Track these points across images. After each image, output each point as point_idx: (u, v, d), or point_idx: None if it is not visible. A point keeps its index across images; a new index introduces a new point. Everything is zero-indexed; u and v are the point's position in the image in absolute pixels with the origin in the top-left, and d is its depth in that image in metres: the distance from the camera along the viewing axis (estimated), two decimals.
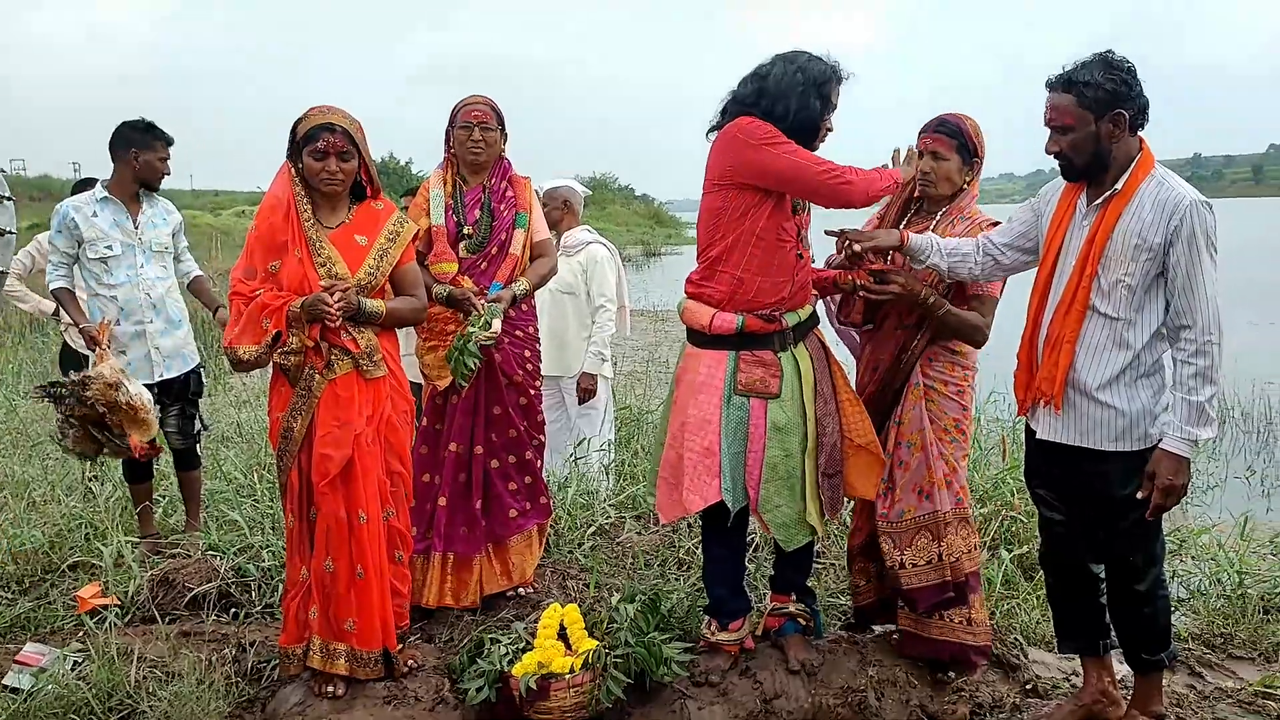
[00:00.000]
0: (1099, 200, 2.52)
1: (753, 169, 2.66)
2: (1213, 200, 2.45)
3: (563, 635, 2.92)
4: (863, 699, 2.85)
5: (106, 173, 3.98)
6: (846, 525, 3.25)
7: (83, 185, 4.55)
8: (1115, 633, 2.75)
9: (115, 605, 3.29)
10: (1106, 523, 2.60)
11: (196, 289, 4.24)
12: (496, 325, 3.10)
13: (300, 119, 2.78)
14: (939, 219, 2.91)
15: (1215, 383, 2.42)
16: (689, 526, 4.00)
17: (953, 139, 2.84)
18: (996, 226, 2.83)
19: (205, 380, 4.35)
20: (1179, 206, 2.40)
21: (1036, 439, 2.70)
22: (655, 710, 2.80)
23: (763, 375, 2.75)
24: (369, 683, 2.81)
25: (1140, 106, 2.46)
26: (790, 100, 2.66)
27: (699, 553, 3.39)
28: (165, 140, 3.93)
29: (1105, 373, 2.52)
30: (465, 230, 3.29)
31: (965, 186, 2.91)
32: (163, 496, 4.42)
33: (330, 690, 2.78)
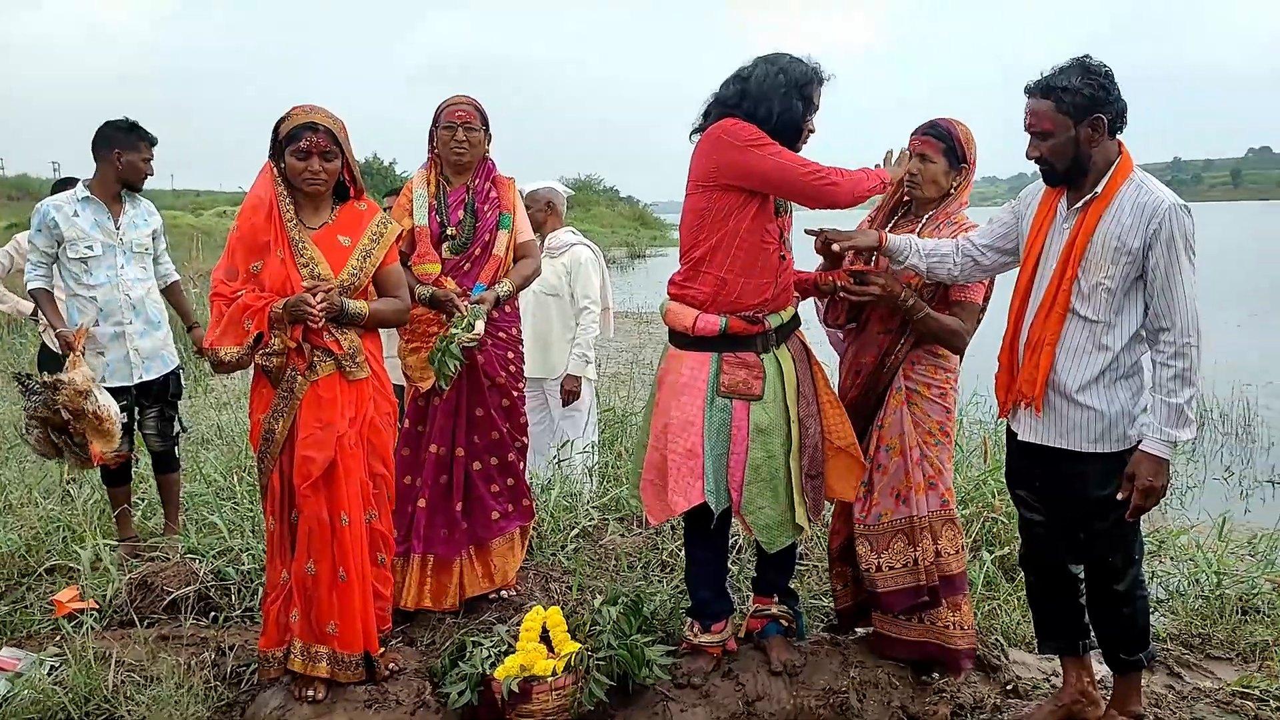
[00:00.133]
0: (1079, 204, 2.54)
1: (738, 170, 2.66)
2: (1192, 204, 2.47)
3: (545, 638, 2.91)
4: (845, 700, 2.86)
5: (87, 172, 3.95)
6: (829, 526, 3.27)
7: (63, 185, 4.51)
8: (1094, 633, 2.77)
9: (93, 609, 3.26)
10: (1086, 524, 2.62)
11: (172, 295, 4.18)
12: (479, 327, 3.09)
13: (283, 118, 2.76)
14: (924, 223, 2.92)
15: (1194, 385, 2.44)
16: (671, 529, 4.00)
17: (941, 142, 2.86)
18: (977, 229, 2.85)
19: (185, 382, 4.32)
20: (1158, 210, 2.42)
21: (1018, 441, 2.72)
22: (637, 713, 2.80)
23: (746, 377, 2.76)
24: (349, 686, 2.80)
25: (1118, 110, 2.48)
26: (773, 102, 2.67)
27: (682, 555, 3.40)
28: (149, 140, 3.91)
29: (1085, 375, 2.54)
30: (449, 231, 3.27)
31: (953, 191, 2.92)
32: (141, 499, 4.39)
33: (310, 694, 2.77)
